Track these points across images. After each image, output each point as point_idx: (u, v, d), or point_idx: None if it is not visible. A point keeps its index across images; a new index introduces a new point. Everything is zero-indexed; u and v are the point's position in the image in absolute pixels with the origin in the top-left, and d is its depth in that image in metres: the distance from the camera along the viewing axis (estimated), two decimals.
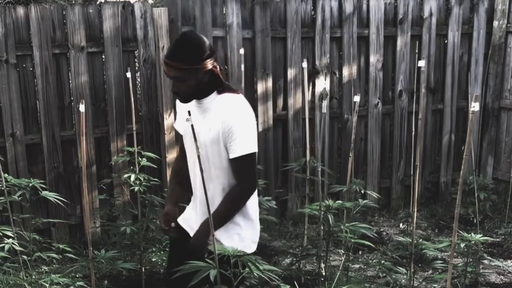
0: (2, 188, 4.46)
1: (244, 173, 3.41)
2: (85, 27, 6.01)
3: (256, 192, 3.57)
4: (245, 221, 3.56)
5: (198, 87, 3.36)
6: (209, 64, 3.34)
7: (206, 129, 3.39)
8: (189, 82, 3.33)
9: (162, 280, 5.48)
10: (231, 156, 3.36)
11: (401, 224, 6.98)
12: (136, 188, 5.29)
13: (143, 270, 5.49)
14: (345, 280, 4.97)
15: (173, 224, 3.65)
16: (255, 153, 3.40)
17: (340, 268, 5.08)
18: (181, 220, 3.74)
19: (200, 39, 3.38)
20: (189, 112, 2.79)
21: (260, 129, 6.71)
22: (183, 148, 3.68)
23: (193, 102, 3.47)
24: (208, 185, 3.30)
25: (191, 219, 3.68)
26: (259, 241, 6.06)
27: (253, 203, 3.58)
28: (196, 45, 3.32)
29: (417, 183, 4.39)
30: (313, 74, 6.85)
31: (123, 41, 6.15)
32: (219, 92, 3.42)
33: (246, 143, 3.36)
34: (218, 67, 3.39)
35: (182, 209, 3.79)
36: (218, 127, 3.35)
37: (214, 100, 3.42)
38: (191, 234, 3.58)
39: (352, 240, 4.59)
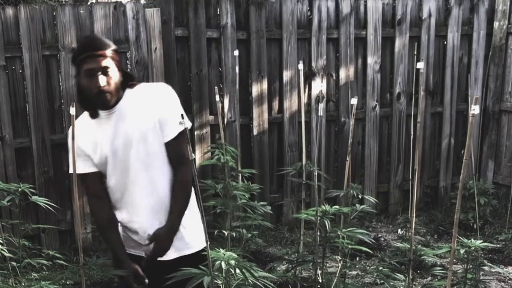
0: None
1: (185, 152, 3.14)
2: (76, 28, 5.93)
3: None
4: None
5: (118, 84, 3.18)
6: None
7: (134, 129, 3.19)
8: (115, 75, 3.15)
9: None
10: (170, 137, 3.21)
11: (399, 230, 6.90)
12: None
13: None
14: (342, 287, 4.87)
15: (147, 281, 3.28)
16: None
17: (337, 275, 4.98)
18: (131, 249, 3.43)
19: None
20: (182, 115, 2.63)
21: (255, 133, 6.65)
22: (98, 189, 3.33)
23: (102, 116, 3.24)
24: (157, 189, 3.25)
25: (139, 243, 3.38)
26: (254, 248, 6.04)
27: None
28: (105, 38, 3.24)
29: (415, 187, 4.30)
30: (310, 76, 6.77)
31: (114, 42, 5.91)
32: (131, 86, 3.27)
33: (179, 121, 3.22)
34: None
35: None
36: (150, 117, 3.18)
37: (129, 97, 3.24)
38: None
39: (349, 246, 4.50)
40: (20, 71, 5.91)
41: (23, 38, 5.78)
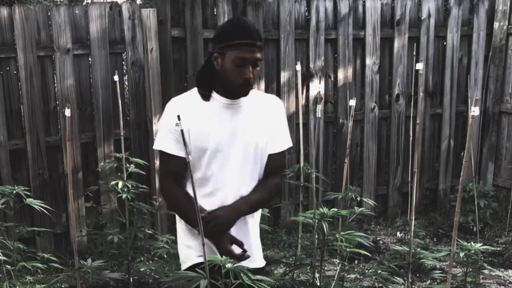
0: None
1: (281, 167, 3.30)
2: (71, 28, 5.88)
3: None
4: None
5: None
6: None
7: (248, 128, 3.11)
8: (258, 68, 3.08)
9: None
10: (276, 150, 3.20)
11: (398, 233, 6.87)
12: (124, 196, 5.26)
13: (131, 280, 5.41)
14: None
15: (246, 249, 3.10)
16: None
17: (335, 278, 4.98)
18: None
19: None
20: (178, 116, 2.52)
21: None
22: (178, 173, 3.12)
23: (217, 102, 3.09)
24: (243, 193, 3.14)
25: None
26: None
27: None
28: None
29: (415, 190, 4.27)
30: (307, 77, 6.73)
31: (110, 43, 6.02)
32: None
33: (288, 136, 3.26)
34: None
35: None
36: (265, 125, 3.14)
37: (250, 97, 3.13)
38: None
39: (348, 249, 4.48)
40: (15, 72, 5.85)
41: (17, 39, 5.72)
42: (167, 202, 3.41)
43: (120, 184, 5.24)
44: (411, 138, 6.07)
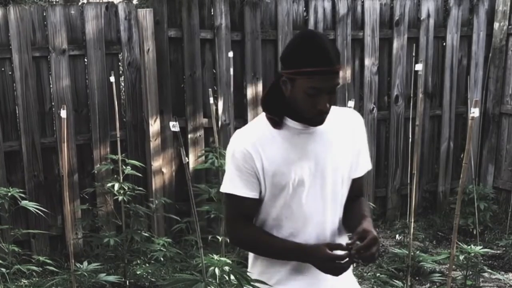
0: None
1: (363, 188, 2.92)
2: (66, 29, 5.85)
3: None
4: None
5: None
6: None
7: (331, 154, 2.69)
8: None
9: None
10: (361, 174, 2.83)
11: (397, 235, 6.81)
12: (120, 198, 5.26)
13: (127, 283, 5.40)
14: None
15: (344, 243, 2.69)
16: None
17: None
18: None
19: None
20: (175, 118, 2.40)
21: None
22: (250, 215, 2.76)
23: (291, 129, 2.66)
24: (337, 224, 2.78)
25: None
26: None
27: None
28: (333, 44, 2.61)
29: (414, 192, 4.25)
30: None
31: (106, 43, 5.99)
32: None
33: (369, 156, 2.87)
34: None
35: None
36: (348, 147, 2.74)
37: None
38: None
39: None
40: (10, 73, 5.82)
41: (12, 39, 5.69)
42: (248, 247, 2.89)
43: (116, 186, 5.23)
44: (410, 139, 6.04)
